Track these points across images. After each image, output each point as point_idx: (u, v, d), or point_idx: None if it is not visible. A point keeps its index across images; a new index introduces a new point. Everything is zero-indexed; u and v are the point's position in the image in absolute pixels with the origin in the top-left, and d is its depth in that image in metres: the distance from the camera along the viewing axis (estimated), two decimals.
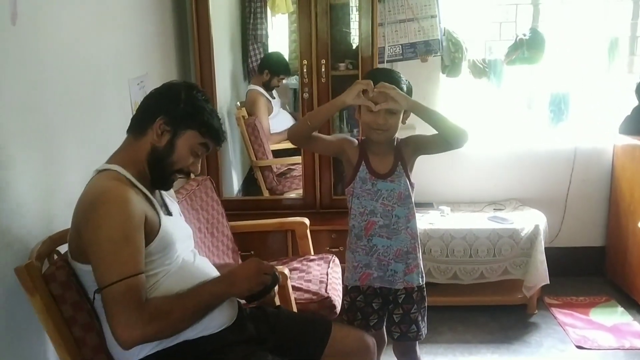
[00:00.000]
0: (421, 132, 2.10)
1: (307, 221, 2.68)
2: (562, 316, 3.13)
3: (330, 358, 1.81)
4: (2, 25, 1.49)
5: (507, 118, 3.65)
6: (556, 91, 3.54)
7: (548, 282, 3.12)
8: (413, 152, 2.04)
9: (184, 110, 1.58)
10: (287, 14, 3.39)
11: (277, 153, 3.46)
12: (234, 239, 2.69)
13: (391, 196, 1.99)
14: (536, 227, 3.11)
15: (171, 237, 1.57)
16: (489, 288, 3.20)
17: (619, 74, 3.52)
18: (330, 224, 2.97)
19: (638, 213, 3.21)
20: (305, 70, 2.99)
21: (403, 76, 1.99)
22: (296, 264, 2.57)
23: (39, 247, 1.54)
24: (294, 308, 2.16)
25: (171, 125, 1.57)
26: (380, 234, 2.01)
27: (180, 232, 1.66)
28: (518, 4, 3.54)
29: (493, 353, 2.84)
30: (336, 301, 2.30)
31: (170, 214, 1.68)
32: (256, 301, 1.65)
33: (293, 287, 2.25)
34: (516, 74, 3.52)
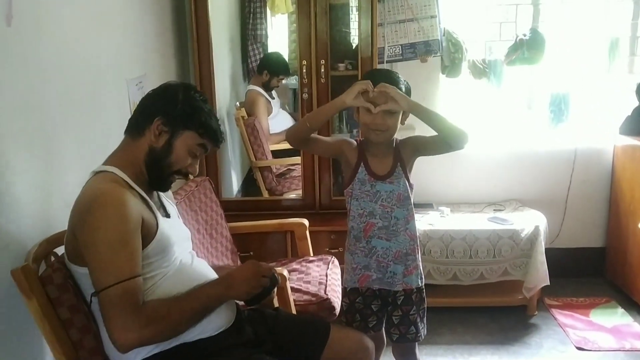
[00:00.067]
0: (421, 133, 2.08)
1: (307, 222, 2.67)
2: (562, 317, 3.13)
3: None
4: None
5: (507, 118, 3.64)
6: (556, 91, 3.53)
7: (548, 283, 3.11)
8: (412, 154, 2.03)
9: (182, 110, 1.57)
10: (287, 14, 3.39)
11: (277, 153, 3.45)
12: (233, 240, 2.69)
13: (390, 197, 1.98)
14: (536, 228, 3.10)
15: (169, 240, 1.56)
16: (489, 289, 3.19)
17: (620, 75, 3.52)
18: (329, 225, 2.96)
19: (638, 214, 3.20)
20: (304, 70, 2.98)
21: (401, 77, 1.98)
22: (295, 265, 2.56)
23: (36, 249, 1.53)
24: (293, 310, 2.15)
25: (169, 126, 1.57)
26: (379, 236, 2.00)
27: (178, 234, 1.65)
28: (518, 4, 3.53)
29: (493, 354, 2.83)
30: (335, 303, 2.29)
31: (168, 216, 1.67)
32: (255, 304, 1.64)
33: (292, 289, 2.24)
34: (516, 75, 3.52)
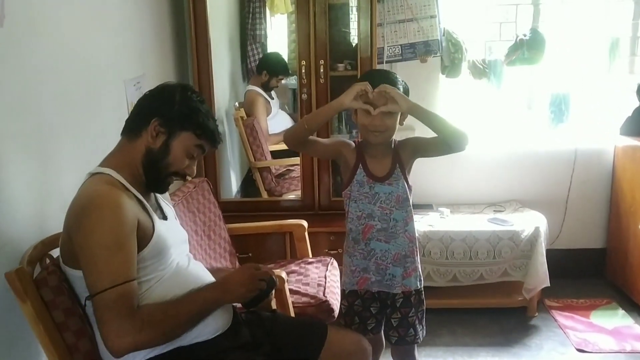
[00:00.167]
0: (420, 133, 2.07)
1: (305, 224, 2.65)
2: (563, 319, 3.11)
3: None
4: None
5: (507, 119, 3.63)
6: (556, 92, 3.52)
7: (548, 285, 3.09)
8: (411, 155, 2.01)
9: (179, 111, 1.56)
10: (286, 14, 3.38)
11: (276, 154, 3.44)
12: (232, 242, 2.67)
13: (389, 199, 1.96)
14: (536, 229, 3.09)
15: (165, 242, 1.55)
16: (489, 290, 3.18)
17: (620, 75, 3.50)
18: (329, 226, 2.94)
19: (639, 214, 3.19)
20: (303, 70, 2.96)
21: (399, 77, 1.96)
22: (294, 267, 2.55)
23: (31, 252, 1.52)
24: (292, 312, 2.14)
25: (166, 126, 1.55)
26: (378, 238, 1.98)
27: (175, 237, 1.64)
28: (518, 4, 3.52)
29: (493, 356, 2.82)
30: (334, 305, 2.28)
31: (165, 218, 1.66)
32: (253, 307, 1.63)
33: (291, 291, 2.23)
34: (516, 75, 3.51)
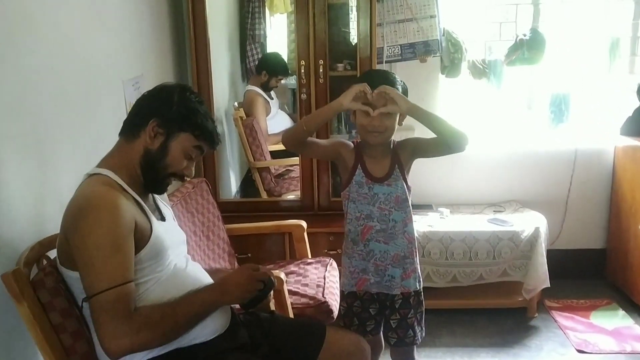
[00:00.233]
0: (420, 133, 2.06)
1: (305, 224, 2.64)
2: (563, 319, 3.10)
3: None
4: None
5: (507, 119, 3.62)
6: (556, 92, 3.51)
7: (548, 285, 3.09)
8: (410, 156, 2.00)
9: (177, 112, 1.55)
10: (286, 14, 3.37)
11: (275, 154, 3.44)
12: (231, 242, 2.66)
13: (388, 200, 1.95)
14: (536, 230, 3.08)
15: (163, 244, 1.54)
16: (489, 291, 3.17)
17: (620, 75, 3.50)
18: (328, 226, 2.94)
19: (639, 215, 3.18)
20: (302, 70, 2.96)
21: (398, 77, 1.96)
22: (293, 268, 2.54)
23: (28, 253, 1.51)
24: (290, 313, 2.13)
25: (164, 127, 1.55)
26: (377, 239, 1.97)
27: (173, 238, 1.63)
28: (518, 4, 3.51)
29: (492, 357, 2.81)
30: (333, 306, 2.27)
31: (163, 219, 1.65)
32: (251, 308, 1.62)
33: (289, 292, 2.22)
34: (516, 75, 3.50)
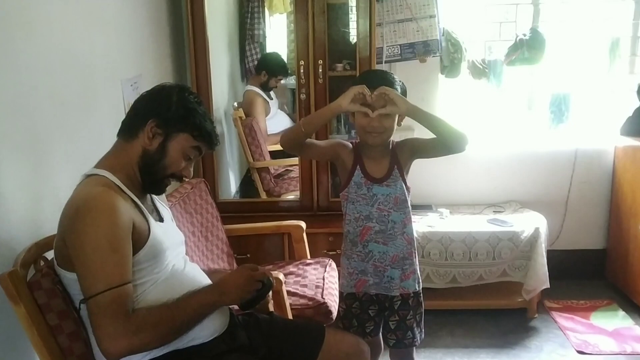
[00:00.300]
0: (420, 134, 2.05)
1: (304, 225, 2.64)
2: (563, 320, 3.10)
3: None
4: None
5: (507, 119, 3.62)
6: (557, 92, 3.51)
7: (548, 286, 3.08)
8: (410, 156, 1.99)
9: (176, 112, 1.55)
10: (285, 14, 3.36)
11: (275, 154, 3.43)
12: (230, 243, 2.66)
13: (387, 201, 1.94)
14: (536, 230, 3.07)
15: (161, 245, 1.53)
16: (489, 291, 3.17)
17: (620, 75, 3.49)
18: (327, 227, 2.93)
19: (639, 215, 3.17)
20: (302, 70, 2.95)
21: (397, 77, 1.95)
22: (292, 268, 2.53)
23: (25, 254, 1.50)
24: (289, 314, 2.13)
25: (163, 128, 1.54)
26: (376, 240, 1.96)
27: (171, 239, 1.62)
28: (518, 4, 3.50)
29: (492, 358, 2.80)
30: (332, 307, 2.26)
31: (161, 220, 1.64)
32: (249, 309, 1.61)
33: (288, 292, 2.21)
34: (516, 75, 3.49)
